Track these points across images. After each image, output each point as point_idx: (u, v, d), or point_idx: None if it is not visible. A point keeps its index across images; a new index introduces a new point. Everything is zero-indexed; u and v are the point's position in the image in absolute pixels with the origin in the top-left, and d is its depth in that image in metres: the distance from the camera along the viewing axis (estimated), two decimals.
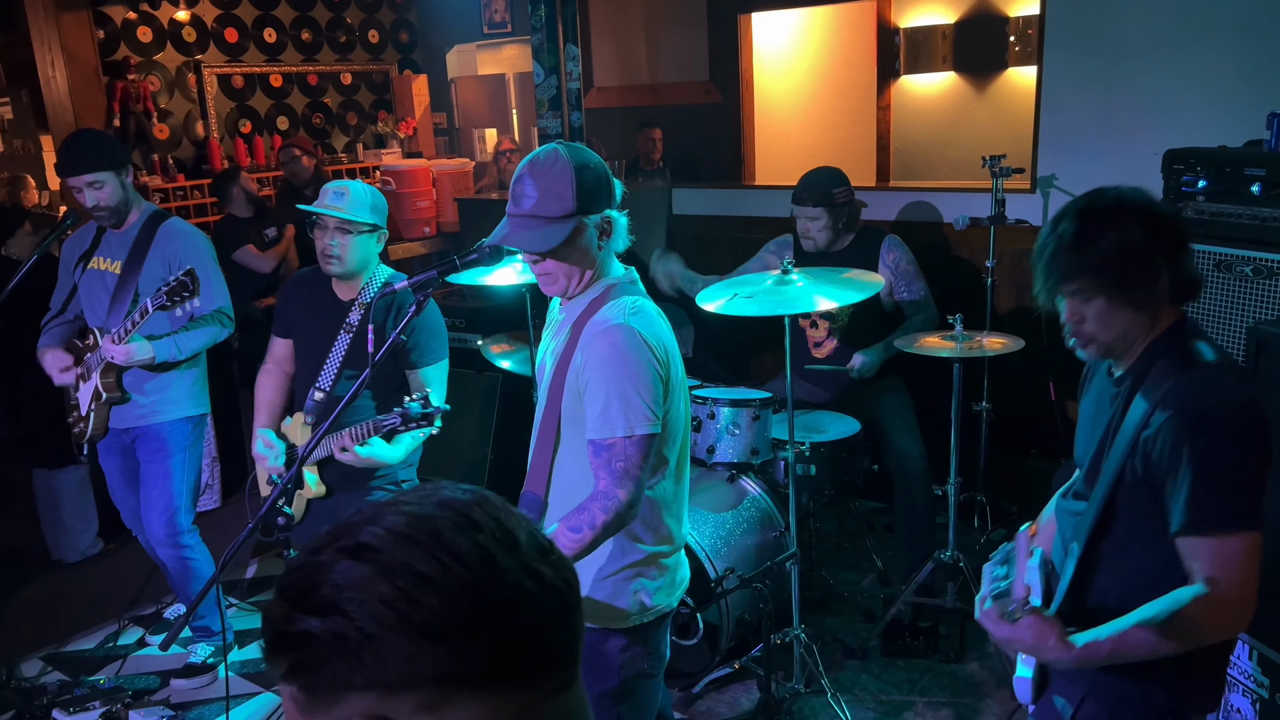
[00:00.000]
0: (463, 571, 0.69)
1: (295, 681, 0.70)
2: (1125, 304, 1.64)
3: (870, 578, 3.84)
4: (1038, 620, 1.63)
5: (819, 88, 6.83)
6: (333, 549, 0.71)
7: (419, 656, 0.67)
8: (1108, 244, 1.61)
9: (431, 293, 2.05)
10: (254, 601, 3.98)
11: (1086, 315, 1.67)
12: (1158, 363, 1.66)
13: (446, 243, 6.43)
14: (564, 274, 1.93)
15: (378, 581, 0.68)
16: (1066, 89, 3.87)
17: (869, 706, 3.10)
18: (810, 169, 3.84)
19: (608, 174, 1.92)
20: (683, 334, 4.59)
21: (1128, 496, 1.67)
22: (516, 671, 0.70)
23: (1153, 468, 1.61)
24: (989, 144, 4.15)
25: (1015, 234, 3.95)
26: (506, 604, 0.70)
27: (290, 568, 0.73)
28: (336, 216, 2.72)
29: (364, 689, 0.68)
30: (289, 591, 0.71)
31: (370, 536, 0.70)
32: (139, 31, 6.02)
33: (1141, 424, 1.62)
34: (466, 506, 0.74)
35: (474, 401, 4.44)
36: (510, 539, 0.73)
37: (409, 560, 0.68)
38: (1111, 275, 1.62)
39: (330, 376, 2.83)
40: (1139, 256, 1.61)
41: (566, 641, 0.75)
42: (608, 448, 1.84)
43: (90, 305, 3.26)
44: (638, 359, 1.83)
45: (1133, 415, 1.65)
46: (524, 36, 6.71)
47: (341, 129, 7.12)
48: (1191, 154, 3.00)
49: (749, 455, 3.41)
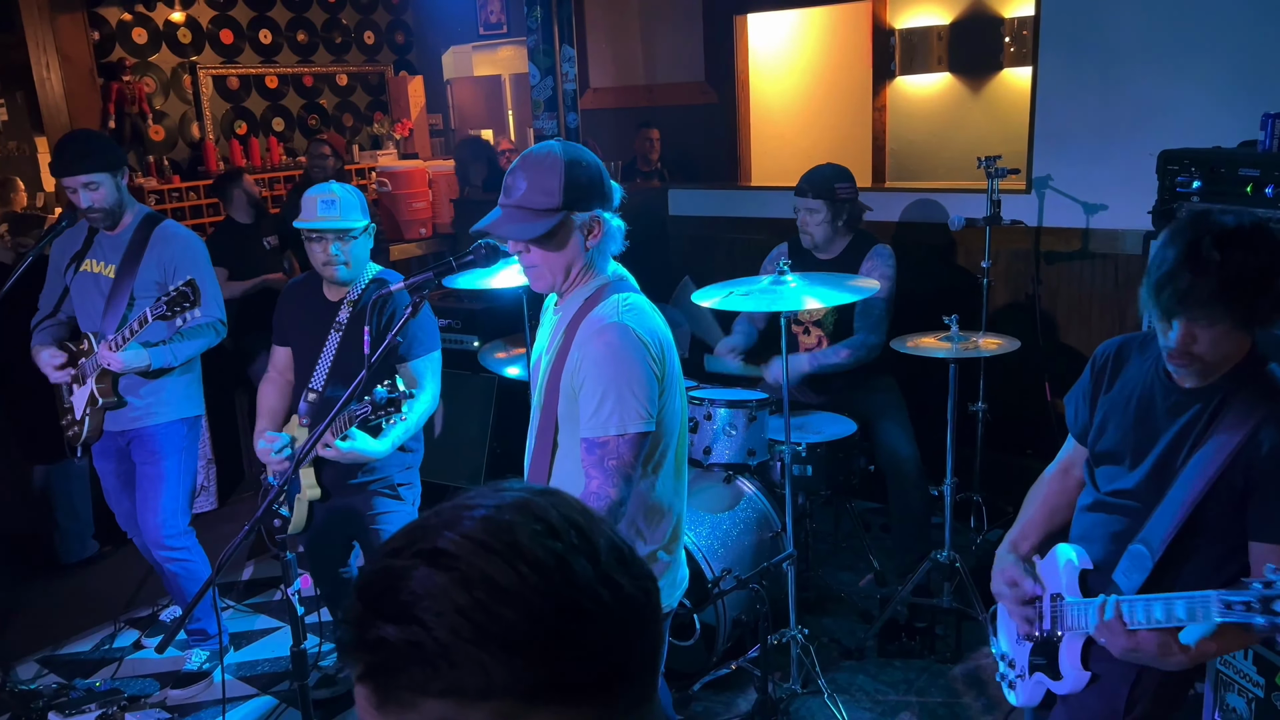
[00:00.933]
0: (540, 582, 0.68)
1: (370, 683, 0.70)
2: (1243, 330, 1.69)
3: (867, 578, 3.84)
4: (1158, 632, 1.69)
5: (814, 88, 6.84)
6: (410, 553, 0.71)
7: (495, 668, 0.67)
8: (1252, 273, 1.62)
9: (428, 294, 2.05)
10: (250, 603, 3.97)
11: (1201, 338, 1.68)
12: (1249, 384, 1.73)
13: (442, 244, 6.43)
14: (549, 268, 1.93)
15: (455, 591, 0.68)
16: (1062, 90, 3.87)
17: (866, 707, 3.11)
18: (812, 167, 3.82)
19: (602, 175, 1.92)
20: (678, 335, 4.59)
21: (1221, 506, 1.74)
22: (593, 685, 0.70)
23: (1255, 479, 1.70)
24: (984, 145, 4.16)
25: (1011, 234, 3.96)
26: (584, 616, 0.69)
27: (368, 569, 0.73)
28: (339, 227, 2.76)
29: (440, 696, 0.68)
30: (366, 594, 0.71)
31: (448, 543, 0.70)
32: (134, 33, 6.01)
33: (1247, 442, 1.70)
34: (544, 511, 0.73)
35: (471, 403, 4.44)
36: (590, 547, 0.72)
37: (486, 569, 0.68)
38: (1245, 305, 1.64)
39: (322, 377, 2.84)
40: (1272, 284, 1.64)
41: (645, 654, 0.74)
42: (601, 445, 1.83)
43: (83, 309, 3.26)
44: (632, 357, 1.83)
45: (1231, 429, 1.72)
46: (520, 38, 6.71)
47: (337, 130, 7.11)
48: (1186, 155, 3.01)
49: (745, 456, 3.42)
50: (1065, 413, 2.08)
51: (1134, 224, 3.65)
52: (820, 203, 3.68)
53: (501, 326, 4.41)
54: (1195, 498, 1.75)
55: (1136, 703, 1.84)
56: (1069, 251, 3.94)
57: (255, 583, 4.16)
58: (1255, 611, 1.54)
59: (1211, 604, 1.60)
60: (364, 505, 2.88)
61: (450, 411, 4.49)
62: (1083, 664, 1.90)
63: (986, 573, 2.11)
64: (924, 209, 4.35)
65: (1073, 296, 3.96)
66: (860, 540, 3.94)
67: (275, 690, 3.37)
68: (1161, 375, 1.83)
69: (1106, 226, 3.84)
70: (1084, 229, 3.90)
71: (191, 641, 3.52)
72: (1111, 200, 3.81)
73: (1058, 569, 1.96)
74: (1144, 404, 1.85)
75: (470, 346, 4.51)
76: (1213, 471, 1.73)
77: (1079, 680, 1.90)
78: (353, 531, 3.03)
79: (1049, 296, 4.02)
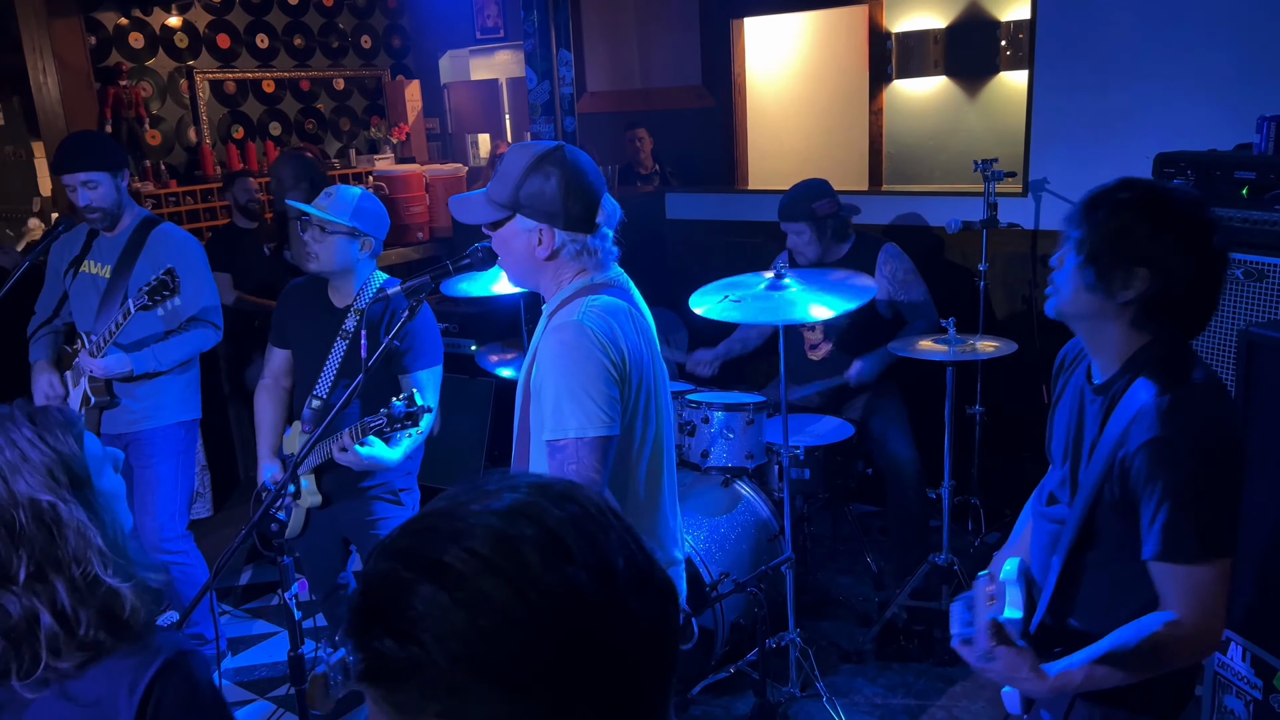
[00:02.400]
0: (548, 612, 0.65)
1: (376, 687, 0.68)
2: (1094, 283, 1.57)
3: (865, 581, 3.84)
4: (1011, 652, 1.60)
5: (811, 92, 6.85)
6: (416, 564, 0.67)
7: (496, 701, 0.64)
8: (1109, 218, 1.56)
9: (425, 297, 2.05)
10: (248, 608, 3.97)
11: (1066, 265, 1.62)
12: (1140, 378, 1.59)
13: (439, 248, 6.42)
14: (506, 261, 1.92)
15: (458, 615, 0.65)
16: (1058, 93, 3.88)
17: (865, 711, 3.10)
18: (800, 178, 3.85)
19: (578, 195, 1.81)
20: (676, 338, 4.60)
21: (1106, 515, 1.62)
22: (605, 711, 0.67)
23: (1129, 489, 1.56)
24: (981, 148, 4.17)
25: (1007, 238, 3.97)
26: (594, 649, 0.66)
27: (373, 570, 0.70)
28: (316, 215, 2.73)
29: (438, 717, 0.66)
30: (369, 598, 0.69)
31: (454, 558, 0.66)
32: (131, 37, 6.01)
33: (1119, 442, 1.56)
34: (561, 527, 0.68)
35: (468, 407, 4.45)
36: (606, 568, 0.68)
37: (493, 595, 0.65)
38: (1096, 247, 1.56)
39: (327, 384, 2.82)
40: (1124, 246, 1.54)
41: (660, 675, 0.71)
42: (560, 449, 1.77)
43: (80, 309, 3.26)
44: (587, 357, 1.76)
45: (1110, 431, 1.59)
46: (516, 42, 6.71)
47: (334, 134, 7.11)
48: (1181, 157, 3.02)
49: (744, 459, 3.42)
50: None
51: None
52: (803, 225, 3.71)
53: (499, 330, 4.41)
54: (1085, 506, 1.62)
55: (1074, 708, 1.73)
56: None
57: (253, 587, 4.16)
58: None
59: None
60: (363, 511, 2.87)
61: (448, 415, 4.48)
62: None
63: None
64: (921, 212, 4.35)
65: None
66: (858, 544, 3.94)
67: (272, 695, 3.36)
68: (1086, 376, 1.73)
69: None
70: None
71: None
72: None
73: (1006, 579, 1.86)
74: (1074, 404, 1.76)
75: (468, 350, 4.51)
76: (1095, 477, 1.60)
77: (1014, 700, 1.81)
78: (351, 536, 3.03)
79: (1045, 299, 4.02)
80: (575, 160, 1.83)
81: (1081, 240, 1.59)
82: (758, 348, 4.07)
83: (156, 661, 1.26)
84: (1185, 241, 1.55)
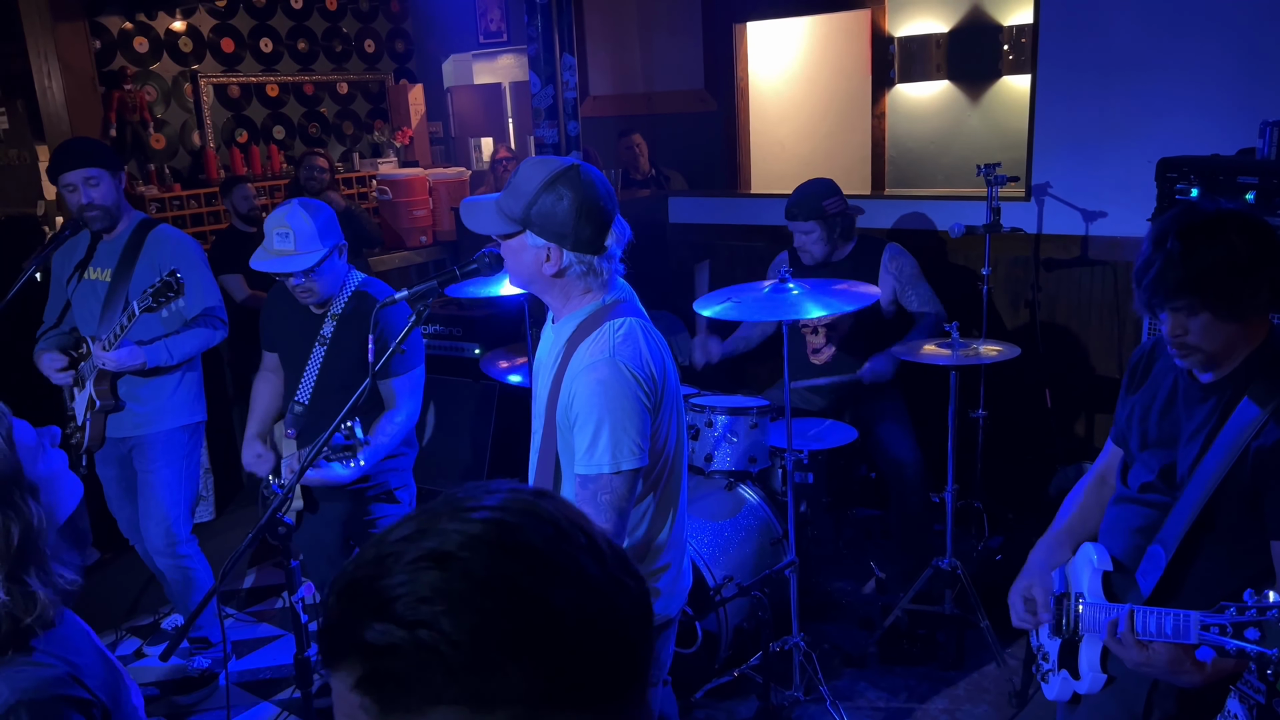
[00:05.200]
0: (562, 586, 0.68)
1: (372, 691, 0.67)
2: (1229, 318, 1.66)
3: (869, 585, 3.84)
4: (1170, 648, 1.67)
5: (814, 96, 6.85)
6: (415, 554, 0.68)
7: (513, 673, 0.66)
8: (1214, 260, 1.63)
9: (432, 302, 2.06)
10: (252, 611, 3.97)
11: (1191, 328, 1.69)
12: (1260, 375, 1.71)
13: (443, 252, 6.43)
14: (513, 270, 1.93)
15: (473, 593, 0.66)
16: (1060, 97, 3.89)
17: (868, 714, 3.11)
18: (803, 181, 3.86)
19: (588, 217, 1.82)
20: (679, 341, 4.60)
21: (1232, 502, 1.72)
22: (605, 688, 0.69)
23: (1263, 474, 1.67)
24: (983, 152, 4.17)
25: (1010, 242, 3.97)
26: (599, 619, 0.69)
27: (357, 571, 0.70)
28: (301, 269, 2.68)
29: (452, 703, 0.66)
30: (363, 598, 0.68)
31: (456, 545, 0.68)
32: (135, 42, 6.03)
33: (1253, 433, 1.67)
34: (550, 514, 0.72)
35: (472, 410, 4.45)
36: (596, 549, 0.71)
37: (503, 572, 0.67)
38: (1218, 291, 1.64)
39: (308, 390, 2.84)
40: (1244, 271, 1.64)
41: (648, 654, 0.74)
42: (594, 481, 1.82)
43: (82, 315, 3.27)
44: (622, 393, 1.81)
45: (1239, 423, 1.70)
46: (520, 46, 6.73)
47: (338, 138, 7.13)
48: (1185, 162, 3.02)
49: (747, 463, 3.42)
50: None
51: (1133, 231, 3.66)
52: (813, 223, 3.73)
53: (502, 334, 4.41)
54: (1206, 495, 1.73)
55: (1155, 707, 1.83)
56: (1068, 259, 3.95)
57: (257, 590, 4.16)
58: (1228, 636, 1.53)
59: (1192, 624, 1.60)
60: (360, 510, 2.90)
61: (451, 419, 4.49)
62: (1101, 666, 1.90)
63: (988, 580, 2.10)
64: (923, 216, 4.36)
65: (1072, 303, 3.97)
66: (861, 547, 3.94)
67: (278, 699, 3.37)
68: (1185, 371, 1.83)
69: (1106, 234, 3.86)
70: (1083, 236, 3.91)
71: (194, 650, 3.51)
72: (1110, 207, 3.82)
73: (1080, 567, 1.96)
74: (1169, 400, 1.85)
75: (471, 354, 4.51)
76: (1222, 468, 1.71)
77: (1096, 681, 1.90)
78: (350, 534, 3.05)
79: (1048, 303, 4.03)
80: (589, 181, 1.84)
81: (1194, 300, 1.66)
82: (760, 345, 4.08)
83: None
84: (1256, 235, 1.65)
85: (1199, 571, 1.79)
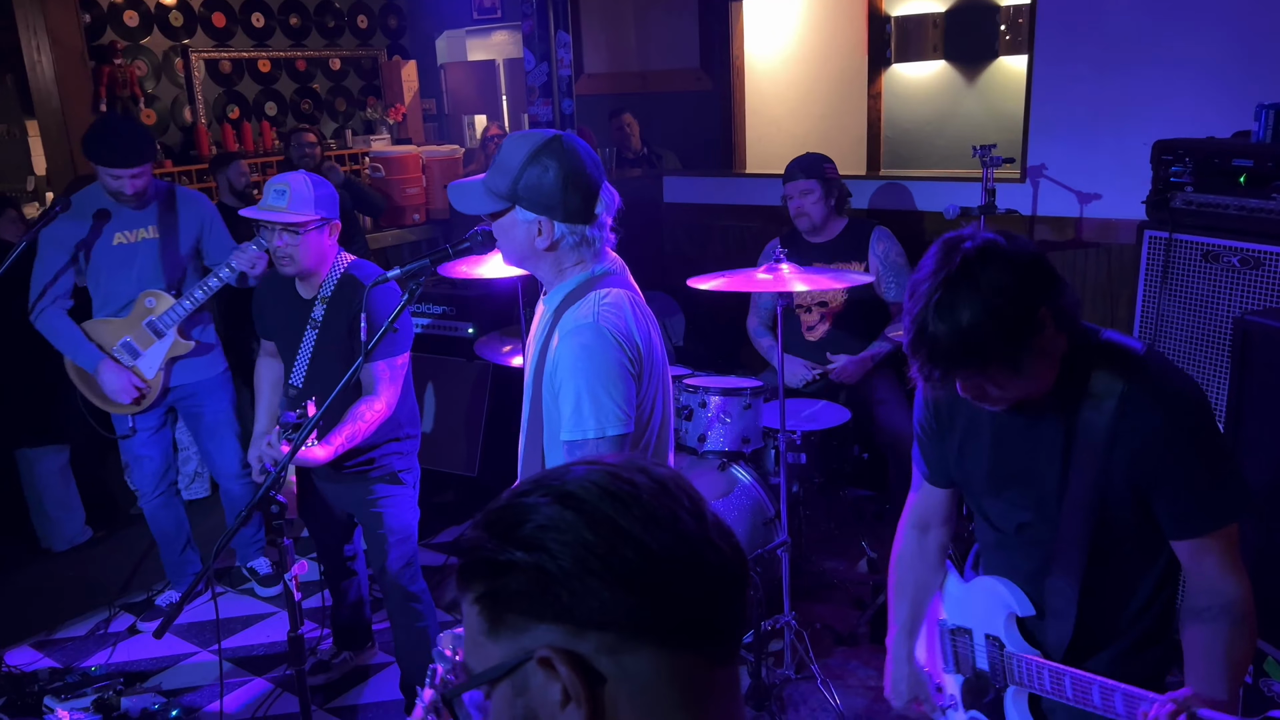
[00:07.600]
0: (659, 531, 0.77)
1: (486, 607, 0.78)
2: (1022, 365, 1.49)
3: (860, 564, 3.86)
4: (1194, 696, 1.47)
5: (809, 76, 6.82)
6: (540, 493, 0.79)
7: (611, 601, 0.75)
8: (982, 333, 1.45)
9: (425, 281, 2.06)
10: (246, 589, 3.98)
11: (987, 388, 1.53)
12: (1091, 375, 1.55)
13: (436, 229, 6.41)
14: (505, 248, 1.92)
15: (582, 527, 0.76)
16: (1057, 79, 3.88)
17: (858, 693, 3.13)
18: None
19: (578, 188, 1.81)
20: (673, 322, 4.60)
21: (1115, 515, 1.59)
22: (696, 632, 0.78)
23: (1142, 476, 1.54)
24: (979, 133, 4.16)
25: (1006, 223, 3.97)
26: (694, 567, 0.77)
27: (496, 505, 0.81)
28: (283, 220, 2.67)
29: (554, 621, 0.76)
30: (496, 526, 0.79)
31: (576, 486, 0.79)
32: (125, 15, 5.97)
33: (1107, 439, 1.54)
34: (663, 479, 0.81)
35: (466, 390, 4.45)
36: (699, 512, 0.80)
37: (611, 513, 0.77)
38: (997, 354, 1.47)
39: (301, 374, 2.85)
40: (1016, 323, 1.46)
41: (738, 616, 0.82)
42: (580, 447, 1.82)
43: (125, 277, 3.46)
44: (605, 358, 1.80)
45: (1091, 435, 1.55)
46: (514, 22, 6.68)
47: (330, 114, 7.08)
48: (1180, 145, 3.02)
49: (740, 443, 3.43)
50: (914, 457, 1.90)
51: (1128, 213, 3.66)
52: (813, 182, 3.79)
53: (495, 313, 4.40)
54: (1087, 514, 1.59)
55: None
56: (1063, 240, 3.96)
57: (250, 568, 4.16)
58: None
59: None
60: (364, 491, 2.90)
61: (445, 399, 4.49)
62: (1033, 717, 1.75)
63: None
64: (919, 197, 4.36)
65: None
66: (853, 527, 3.96)
67: (271, 676, 3.38)
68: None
69: (1100, 216, 3.86)
70: (1078, 218, 3.92)
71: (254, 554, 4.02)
72: (1105, 189, 3.82)
73: (986, 604, 1.79)
74: (998, 432, 1.68)
75: (465, 334, 4.51)
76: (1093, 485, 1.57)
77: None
78: (354, 514, 3.06)
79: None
80: (574, 150, 1.82)
81: (977, 369, 1.50)
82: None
83: None
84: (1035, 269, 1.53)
85: (1111, 582, 1.67)
